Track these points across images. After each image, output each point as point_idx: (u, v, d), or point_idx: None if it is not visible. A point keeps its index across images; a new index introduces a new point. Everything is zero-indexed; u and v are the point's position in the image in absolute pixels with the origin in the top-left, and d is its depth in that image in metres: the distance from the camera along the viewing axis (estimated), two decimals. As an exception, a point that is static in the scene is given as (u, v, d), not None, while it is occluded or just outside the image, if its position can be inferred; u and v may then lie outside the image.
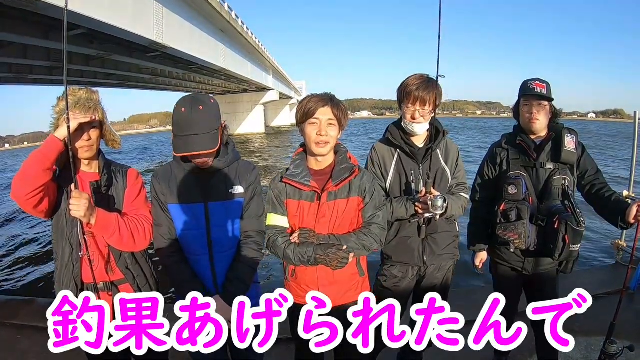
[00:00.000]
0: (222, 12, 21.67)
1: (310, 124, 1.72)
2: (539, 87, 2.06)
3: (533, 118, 2.09)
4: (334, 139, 1.74)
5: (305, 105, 1.73)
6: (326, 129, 1.70)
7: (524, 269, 2.19)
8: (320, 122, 1.70)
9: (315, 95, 1.76)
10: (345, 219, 1.78)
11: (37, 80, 21.33)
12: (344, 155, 1.82)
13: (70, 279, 1.66)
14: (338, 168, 1.78)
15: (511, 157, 2.17)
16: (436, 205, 1.83)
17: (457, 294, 2.23)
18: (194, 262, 1.70)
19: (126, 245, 1.71)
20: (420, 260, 2.05)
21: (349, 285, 1.83)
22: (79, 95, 1.65)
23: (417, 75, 1.96)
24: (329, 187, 1.75)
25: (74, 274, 1.66)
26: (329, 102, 1.72)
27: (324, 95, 1.75)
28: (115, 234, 1.65)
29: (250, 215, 1.76)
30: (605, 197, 2.07)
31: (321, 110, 1.70)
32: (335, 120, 1.72)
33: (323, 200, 1.74)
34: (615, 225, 2.06)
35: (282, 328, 1.97)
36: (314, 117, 1.71)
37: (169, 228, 1.70)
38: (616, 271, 3.84)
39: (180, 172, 1.69)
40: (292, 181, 1.77)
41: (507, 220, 2.06)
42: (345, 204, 1.77)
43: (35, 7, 9.81)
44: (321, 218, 1.75)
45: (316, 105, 1.71)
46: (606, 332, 2.15)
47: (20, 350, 2.90)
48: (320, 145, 1.72)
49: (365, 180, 1.82)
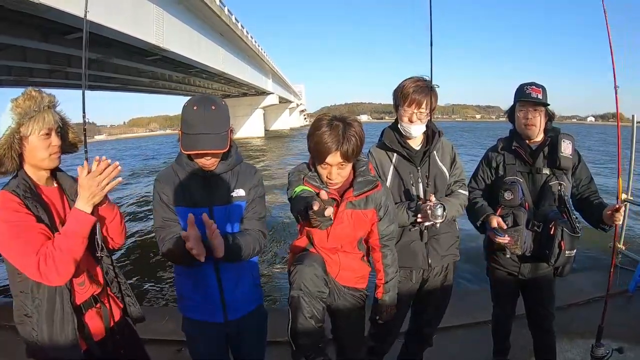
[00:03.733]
0: (222, 15, 21.73)
1: (321, 166, 1.67)
2: (535, 92, 2.07)
3: (529, 123, 2.09)
4: (345, 175, 1.70)
5: (316, 143, 1.60)
6: (336, 172, 1.65)
7: (520, 274, 2.19)
8: (330, 168, 1.64)
9: (327, 131, 1.58)
10: (358, 228, 1.77)
11: (37, 83, 21.33)
12: (365, 167, 1.77)
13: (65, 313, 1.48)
14: (359, 179, 1.74)
15: (507, 162, 2.17)
16: (436, 214, 1.82)
17: (455, 296, 2.23)
18: (198, 269, 1.64)
19: (121, 233, 1.66)
20: (424, 263, 2.04)
21: (355, 274, 1.87)
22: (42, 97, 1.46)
23: (413, 78, 1.96)
24: (349, 196, 1.72)
25: (70, 300, 1.49)
26: (339, 144, 1.57)
27: (335, 128, 1.58)
28: (116, 218, 1.60)
29: (251, 217, 1.72)
30: (592, 203, 2.10)
31: (331, 156, 1.60)
32: (345, 162, 1.63)
33: (341, 208, 1.72)
34: (595, 228, 2.09)
35: (282, 329, 1.98)
36: (325, 162, 1.62)
37: (177, 229, 1.61)
38: (615, 274, 3.83)
39: (184, 175, 1.64)
40: (312, 185, 1.72)
41: None
42: (362, 215, 1.76)
43: (36, 10, 9.83)
44: (337, 225, 1.73)
45: (328, 149, 1.58)
46: (604, 334, 2.17)
47: (20, 351, 2.89)
48: (331, 184, 1.70)
49: (382, 193, 1.80)
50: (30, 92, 1.44)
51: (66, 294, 1.47)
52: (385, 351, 2.23)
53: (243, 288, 1.74)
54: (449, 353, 2.74)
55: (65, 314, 1.47)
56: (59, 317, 1.46)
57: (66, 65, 17.56)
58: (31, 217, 1.38)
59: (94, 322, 1.59)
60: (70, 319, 1.47)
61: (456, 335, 2.96)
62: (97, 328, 1.60)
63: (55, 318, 1.45)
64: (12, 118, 1.40)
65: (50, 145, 1.46)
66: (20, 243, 1.34)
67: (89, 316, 1.58)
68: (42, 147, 1.44)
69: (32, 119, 1.41)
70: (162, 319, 3.12)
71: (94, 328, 1.59)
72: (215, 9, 20.35)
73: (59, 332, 1.46)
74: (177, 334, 2.87)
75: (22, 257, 1.35)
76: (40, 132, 1.43)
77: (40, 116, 1.43)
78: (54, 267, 1.34)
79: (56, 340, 1.45)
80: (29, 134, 1.41)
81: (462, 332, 3.02)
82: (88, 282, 1.58)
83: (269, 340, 1.96)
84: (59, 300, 1.46)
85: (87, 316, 1.57)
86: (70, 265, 1.37)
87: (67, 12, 9.92)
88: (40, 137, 1.43)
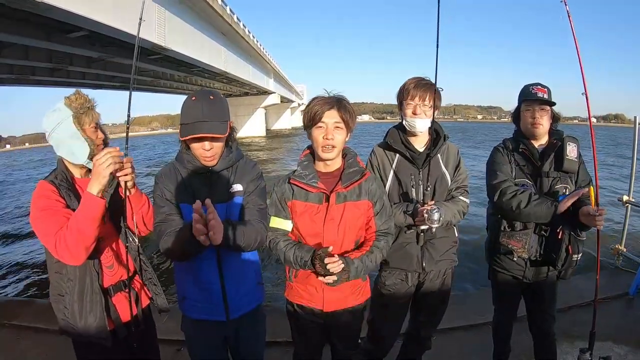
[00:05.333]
0: (224, 15, 21.74)
1: (317, 127, 1.70)
2: (540, 91, 2.05)
3: (536, 123, 2.07)
4: (341, 142, 1.71)
5: (312, 108, 1.70)
6: (333, 132, 1.68)
7: (524, 277, 2.17)
8: (327, 126, 1.68)
9: (321, 98, 1.72)
10: (354, 222, 1.76)
11: (38, 81, 21.39)
12: (353, 159, 1.81)
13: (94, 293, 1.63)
14: (347, 171, 1.76)
15: (519, 164, 2.14)
16: (432, 219, 1.80)
17: (454, 298, 2.22)
18: (200, 267, 1.65)
19: (149, 221, 1.75)
20: (419, 266, 2.04)
21: (351, 290, 1.82)
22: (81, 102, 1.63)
23: (415, 77, 1.97)
24: (338, 189, 1.72)
25: (99, 282, 1.64)
26: (335, 104, 1.68)
27: (330, 97, 1.71)
28: (145, 205, 1.73)
29: (251, 208, 1.68)
30: None
31: (327, 113, 1.67)
32: (342, 123, 1.69)
33: (332, 202, 1.72)
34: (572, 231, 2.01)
35: (282, 329, 1.97)
36: (321, 121, 1.68)
37: (178, 225, 1.57)
38: (615, 276, 3.83)
39: (185, 173, 1.65)
40: (299, 182, 1.75)
41: (512, 229, 2.06)
42: (355, 207, 1.75)
43: (37, 8, 9.84)
44: (329, 220, 1.73)
45: (322, 109, 1.67)
46: (603, 336, 2.16)
47: (20, 350, 2.91)
48: (327, 149, 1.70)
49: (376, 186, 1.80)
50: (79, 92, 1.64)
51: (94, 275, 1.63)
52: (384, 354, 2.23)
53: (245, 286, 1.74)
54: (449, 355, 2.73)
55: (94, 294, 1.63)
56: (89, 297, 1.62)
57: (68, 64, 17.58)
58: (60, 203, 1.56)
59: (121, 306, 1.71)
60: (98, 300, 1.63)
61: (456, 337, 2.95)
62: (125, 312, 1.72)
63: (85, 298, 1.62)
64: (67, 112, 1.59)
65: (97, 138, 1.65)
66: (46, 225, 1.51)
67: (117, 299, 1.71)
68: (93, 138, 1.64)
69: (84, 114, 1.61)
70: (161, 318, 3.11)
71: (121, 311, 1.71)
72: (217, 8, 20.35)
73: (88, 310, 1.62)
74: (176, 333, 2.86)
75: (45, 237, 1.51)
76: (90, 125, 1.63)
77: (90, 112, 1.63)
78: (65, 247, 1.47)
79: (85, 318, 1.62)
80: (83, 125, 1.61)
81: (462, 334, 3.01)
82: (117, 266, 1.72)
83: (268, 340, 1.96)
84: (89, 280, 1.62)
85: (115, 299, 1.71)
86: (80, 246, 1.48)
87: (69, 10, 9.93)
88: (91, 129, 1.63)
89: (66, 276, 1.61)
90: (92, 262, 1.62)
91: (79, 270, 1.60)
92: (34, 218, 1.53)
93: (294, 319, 1.91)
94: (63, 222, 1.50)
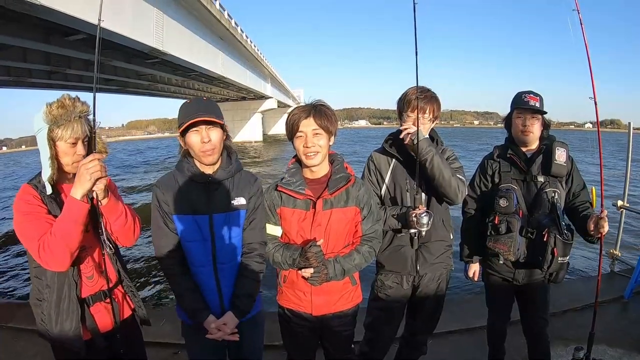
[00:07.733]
0: (222, 19, 21.79)
1: (297, 137, 1.73)
2: (532, 100, 2.10)
3: (527, 130, 2.12)
4: (324, 147, 1.72)
5: (290, 120, 1.74)
6: (312, 140, 1.69)
7: (514, 280, 2.21)
8: (306, 135, 1.70)
9: (298, 108, 1.75)
10: (341, 228, 1.77)
11: (36, 84, 21.31)
12: (340, 165, 1.82)
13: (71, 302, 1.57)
14: (334, 177, 1.77)
15: (502, 170, 2.20)
16: (421, 222, 1.84)
17: (450, 302, 2.24)
18: (197, 274, 1.66)
19: (126, 233, 1.67)
20: (413, 269, 2.06)
21: (340, 294, 1.83)
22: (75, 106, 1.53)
23: (417, 87, 1.99)
24: (325, 195, 1.74)
25: (76, 292, 1.58)
26: (311, 112, 1.70)
27: (307, 105, 1.74)
28: (121, 217, 1.62)
29: (253, 227, 1.73)
30: (580, 214, 2.10)
31: (304, 122, 1.70)
32: (320, 130, 1.70)
33: (318, 209, 1.74)
34: (585, 239, 2.08)
35: (278, 333, 1.98)
36: (299, 131, 1.71)
37: (173, 238, 1.65)
38: (611, 280, 3.86)
39: (184, 182, 1.65)
40: (286, 189, 1.77)
41: (497, 233, 2.09)
42: (342, 213, 1.76)
43: (36, 11, 9.84)
44: (317, 226, 1.74)
45: (299, 119, 1.70)
46: (598, 339, 2.18)
47: (17, 351, 2.90)
48: (309, 157, 1.72)
49: (364, 192, 1.81)
50: (64, 100, 1.52)
51: (73, 285, 1.57)
52: (380, 357, 2.24)
53: None
54: (444, 359, 2.74)
55: (71, 303, 1.57)
56: (65, 306, 1.56)
57: (66, 67, 17.53)
58: (43, 209, 1.50)
59: (100, 316, 1.66)
60: (74, 309, 1.57)
61: (451, 341, 2.97)
62: (104, 322, 1.66)
63: (61, 306, 1.56)
64: (44, 122, 1.49)
65: (74, 154, 1.54)
66: (28, 229, 1.47)
67: (96, 309, 1.65)
68: (68, 154, 1.54)
69: (62, 127, 1.49)
70: (158, 321, 3.11)
71: (100, 321, 1.65)
72: (215, 12, 20.40)
73: (64, 319, 1.56)
74: (173, 336, 2.88)
75: (28, 242, 1.47)
76: (67, 140, 1.51)
77: (70, 125, 1.50)
78: (50, 252, 1.43)
79: (60, 326, 1.56)
80: (57, 140, 1.51)
81: (457, 337, 3.02)
82: (97, 276, 1.65)
83: (265, 344, 1.96)
84: (67, 290, 1.56)
85: (94, 309, 1.64)
86: (64, 251, 1.44)
87: (67, 13, 9.93)
88: (67, 145, 1.52)
89: (45, 282, 1.56)
90: (72, 270, 1.56)
91: (58, 278, 1.55)
92: (17, 222, 1.49)
93: (285, 323, 1.92)
94: (46, 227, 1.46)
